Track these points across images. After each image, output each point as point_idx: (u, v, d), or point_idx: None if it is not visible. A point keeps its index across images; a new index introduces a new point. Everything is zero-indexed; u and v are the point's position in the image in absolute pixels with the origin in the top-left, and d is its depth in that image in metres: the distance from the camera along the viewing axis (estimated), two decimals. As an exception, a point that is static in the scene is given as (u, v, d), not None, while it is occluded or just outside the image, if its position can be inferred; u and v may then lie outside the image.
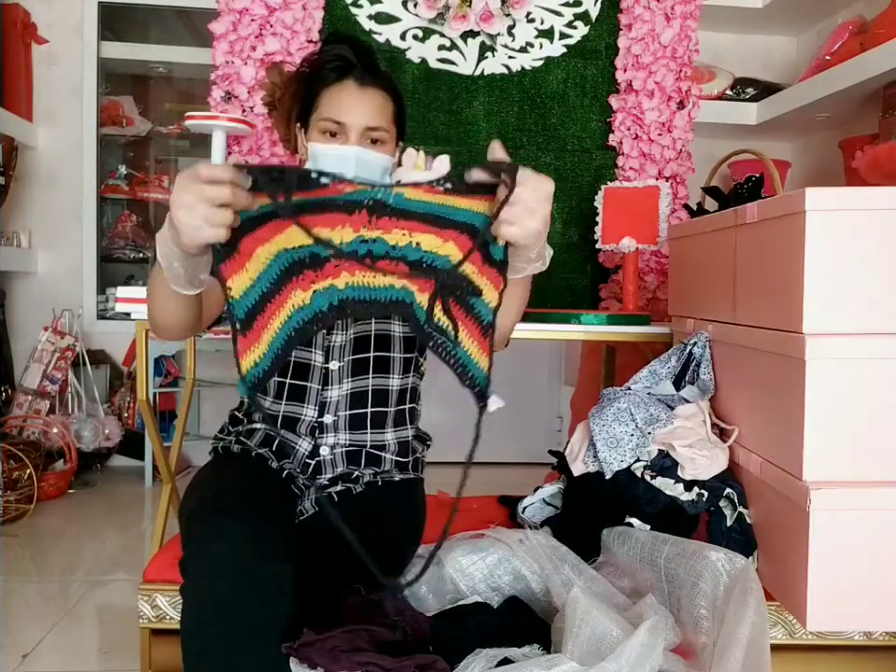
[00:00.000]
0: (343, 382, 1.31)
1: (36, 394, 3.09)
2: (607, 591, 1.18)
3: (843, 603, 1.13)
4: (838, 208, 1.12)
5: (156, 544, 1.64)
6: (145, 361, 1.66)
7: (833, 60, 2.51)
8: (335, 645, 0.96)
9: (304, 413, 1.30)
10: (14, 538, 2.42)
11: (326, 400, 1.30)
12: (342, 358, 1.31)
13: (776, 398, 1.23)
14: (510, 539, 1.26)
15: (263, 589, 1.01)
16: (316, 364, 1.30)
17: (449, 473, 1.31)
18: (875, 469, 1.14)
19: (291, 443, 1.30)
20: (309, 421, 1.30)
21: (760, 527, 1.32)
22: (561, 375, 3.50)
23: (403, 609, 1.05)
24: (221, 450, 1.35)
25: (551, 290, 2.14)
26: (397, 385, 1.34)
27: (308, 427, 1.30)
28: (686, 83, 2.14)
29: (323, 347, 1.30)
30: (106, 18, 3.31)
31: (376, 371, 1.32)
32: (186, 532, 1.16)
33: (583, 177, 2.16)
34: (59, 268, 3.31)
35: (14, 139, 3.06)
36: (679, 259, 1.73)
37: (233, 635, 0.99)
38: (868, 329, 1.13)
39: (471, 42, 2.12)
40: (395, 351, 1.33)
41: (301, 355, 1.30)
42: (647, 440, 1.37)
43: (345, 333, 1.31)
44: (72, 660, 1.68)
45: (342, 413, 1.31)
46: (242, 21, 2.02)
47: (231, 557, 1.01)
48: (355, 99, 1.25)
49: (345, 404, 1.31)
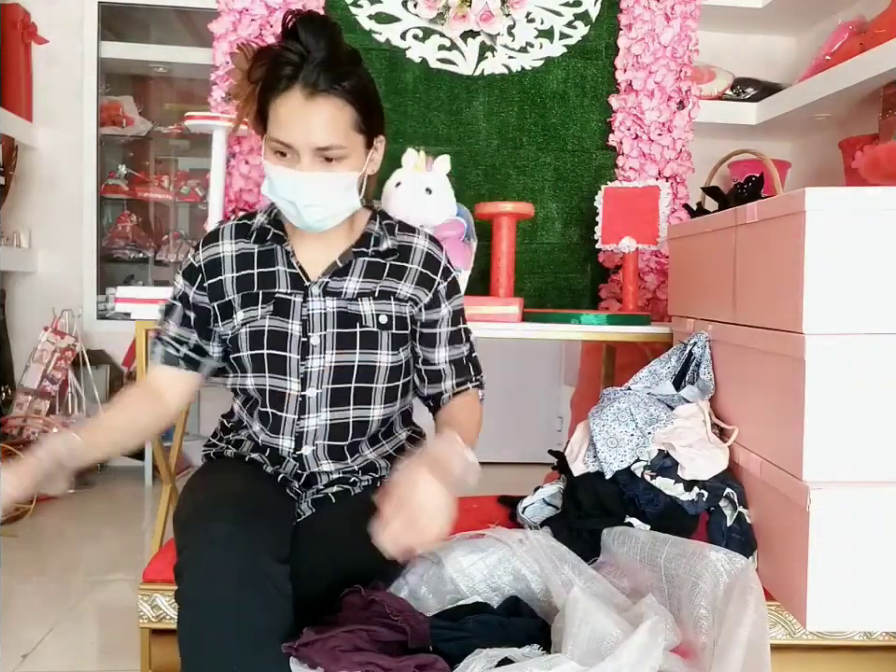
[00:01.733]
0: (320, 411, 1.24)
1: (36, 394, 3.09)
2: (607, 591, 1.18)
3: (843, 603, 1.13)
4: (838, 208, 1.12)
5: (156, 544, 1.64)
6: (145, 361, 1.66)
7: (833, 60, 2.51)
8: (335, 645, 0.96)
9: (281, 445, 1.25)
10: (14, 538, 2.42)
11: (302, 430, 1.24)
12: (319, 386, 1.23)
13: (776, 398, 1.23)
14: (510, 538, 1.26)
15: (260, 590, 1.00)
16: (292, 392, 1.23)
17: (449, 473, 1.31)
18: (875, 469, 1.14)
19: (275, 446, 1.26)
20: (287, 449, 1.25)
21: (760, 527, 1.32)
22: (561, 375, 3.50)
23: (403, 609, 1.05)
24: (214, 455, 1.32)
25: (551, 290, 2.14)
26: (378, 416, 1.27)
27: (288, 453, 1.25)
28: (686, 83, 2.14)
29: (299, 374, 1.23)
30: (106, 18, 3.31)
31: (357, 402, 1.24)
32: (180, 536, 1.12)
33: (583, 177, 2.16)
34: (59, 268, 3.31)
35: (14, 139, 3.06)
36: (678, 259, 1.73)
37: (231, 637, 0.98)
38: (868, 329, 1.13)
39: (471, 42, 2.12)
40: (378, 382, 1.26)
41: (276, 383, 1.23)
42: (647, 440, 1.37)
43: (322, 358, 1.23)
44: (72, 660, 1.68)
45: (319, 442, 1.24)
46: (242, 21, 2.02)
47: (226, 560, 1.00)
48: (299, 115, 1.10)
49: (324, 434, 1.24)
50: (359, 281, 1.25)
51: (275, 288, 1.24)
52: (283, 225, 1.27)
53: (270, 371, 1.23)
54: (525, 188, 2.15)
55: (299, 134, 1.11)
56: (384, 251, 1.27)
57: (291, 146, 1.12)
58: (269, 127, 1.14)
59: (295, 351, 1.22)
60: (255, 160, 2.04)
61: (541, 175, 2.15)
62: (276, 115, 1.12)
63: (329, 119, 1.11)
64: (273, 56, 1.13)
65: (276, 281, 1.24)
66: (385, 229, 1.29)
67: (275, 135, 1.12)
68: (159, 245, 3.66)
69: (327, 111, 1.11)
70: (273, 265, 1.25)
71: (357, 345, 1.23)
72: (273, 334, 1.22)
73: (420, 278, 1.28)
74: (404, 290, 1.27)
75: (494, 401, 3.14)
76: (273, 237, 1.26)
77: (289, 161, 1.14)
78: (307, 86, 1.09)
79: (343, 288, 1.24)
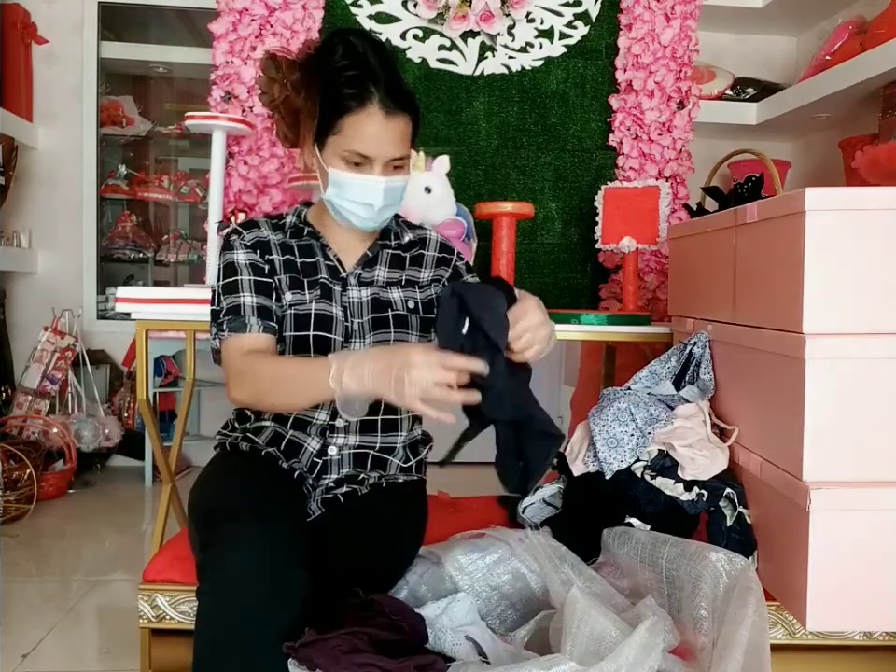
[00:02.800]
0: None
1: (36, 394, 3.09)
2: (606, 591, 1.18)
3: (843, 603, 1.13)
4: (838, 208, 1.12)
5: (156, 544, 1.64)
6: (145, 361, 1.66)
7: (833, 60, 2.51)
8: (335, 645, 0.96)
9: (316, 417, 1.29)
10: (14, 538, 2.42)
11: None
12: None
13: (776, 398, 1.23)
14: (509, 538, 1.26)
15: (285, 596, 1.02)
16: None
17: (449, 473, 1.31)
18: (875, 469, 1.14)
19: (300, 441, 1.30)
20: (321, 424, 1.29)
21: (760, 527, 1.32)
22: (561, 375, 3.50)
23: (402, 610, 1.05)
24: (228, 446, 1.34)
25: (551, 290, 2.14)
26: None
27: (319, 429, 1.29)
28: (686, 83, 2.14)
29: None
30: (106, 18, 3.32)
31: None
32: (203, 533, 1.13)
33: (583, 177, 2.16)
34: (59, 268, 3.31)
35: (14, 139, 3.06)
36: (678, 259, 1.73)
37: (251, 639, 0.99)
38: (868, 329, 1.13)
39: (471, 42, 2.12)
40: None
41: None
42: (647, 440, 1.37)
43: (363, 341, 1.29)
44: (72, 660, 1.68)
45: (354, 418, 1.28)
46: (242, 20, 2.02)
47: (251, 562, 1.01)
48: (380, 131, 1.21)
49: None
50: (386, 271, 1.36)
51: (318, 275, 1.31)
52: (313, 225, 1.36)
53: (315, 352, 1.27)
54: (525, 188, 2.15)
55: (380, 148, 1.22)
56: (406, 243, 1.39)
57: (371, 157, 1.22)
58: (344, 138, 1.22)
59: (340, 334, 1.29)
60: (254, 160, 2.04)
61: (541, 175, 2.15)
62: (354, 129, 1.21)
63: (401, 134, 1.24)
64: (344, 75, 1.21)
65: (318, 270, 1.32)
66: (401, 225, 1.41)
67: (356, 148, 1.22)
68: (159, 245, 3.66)
69: (400, 128, 1.23)
70: (313, 256, 1.33)
71: (391, 326, 1.31)
72: (320, 317, 1.28)
73: (437, 261, 1.39)
74: (425, 276, 1.38)
75: (494, 401, 3.05)
76: (309, 233, 1.35)
77: (363, 170, 1.23)
78: (384, 106, 1.20)
79: (374, 278, 1.34)
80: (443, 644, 1.05)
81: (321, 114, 1.24)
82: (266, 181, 2.05)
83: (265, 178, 2.05)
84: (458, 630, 1.07)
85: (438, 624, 1.07)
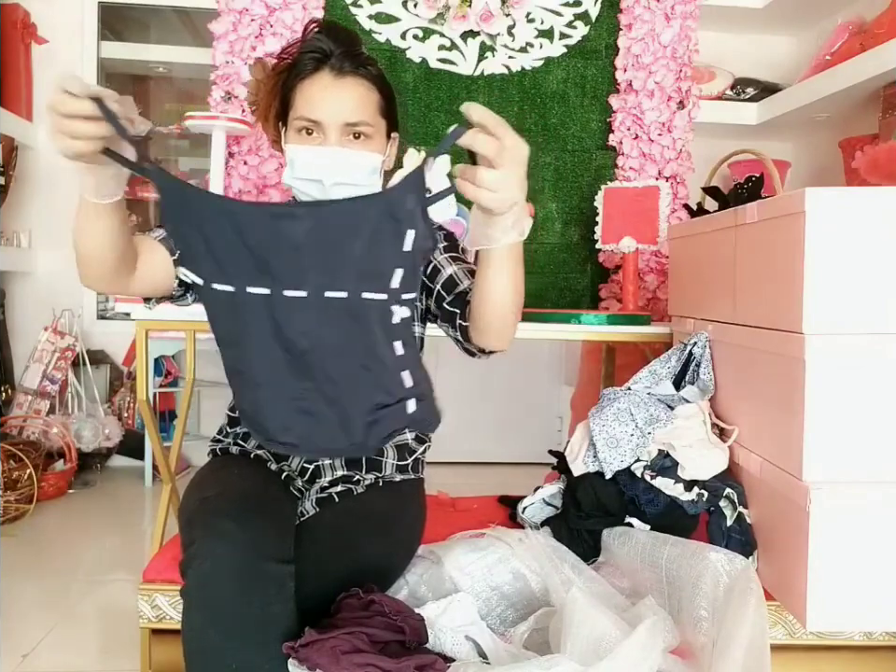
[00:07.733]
0: None
1: (36, 394, 3.09)
2: (606, 591, 1.18)
3: (843, 603, 1.13)
4: (838, 208, 1.12)
5: (156, 544, 1.64)
6: (145, 361, 1.66)
7: (833, 60, 2.51)
8: (335, 645, 0.95)
9: None
10: (14, 538, 2.42)
11: None
12: None
13: (776, 398, 1.23)
14: (509, 538, 1.26)
15: (265, 590, 1.01)
16: None
17: (449, 473, 1.31)
18: (875, 469, 1.14)
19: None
20: None
21: (760, 527, 1.32)
22: (561, 375, 3.50)
23: (402, 610, 1.05)
24: (220, 451, 1.34)
25: (551, 290, 2.14)
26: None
27: None
28: (686, 83, 2.14)
29: None
30: (106, 18, 3.31)
31: None
32: (186, 533, 1.13)
33: (583, 177, 2.16)
34: (59, 268, 3.30)
35: (14, 139, 3.06)
36: (678, 259, 1.73)
37: (233, 636, 0.98)
38: (868, 329, 1.13)
39: (471, 42, 2.12)
40: None
41: None
42: (647, 440, 1.37)
43: None
44: (72, 660, 1.68)
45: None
46: (242, 21, 2.02)
47: (232, 559, 1.00)
48: (329, 91, 1.13)
49: None
50: None
51: None
52: None
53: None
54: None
55: (329, 109, 1.13)
56: None
57: (320, 122, 1.13)
58: (295, 108, 1.16)
59: None
60: (253, 160, 2.04)
61: (541, 175, 2.15)
62: (305, 94, 1.15)
63: (357, 96, 1.15)
64: (304, 47, 1.17)
65: None
66: None
67: (304, 113, 1.14)
68: (159, 245, 3.66)
69: (355, 89, 1.15)
70: None
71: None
72: None
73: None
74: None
75: (494, 401, 3.16)
76: None
77: (315, 140, 1.15)
78: (335, 69, 1.14)
79: None
80: (443, 644, 1.05)
81: (282, 90, 1.20)
82: (266, 181, 2.05)
83: (265, 178, 2.05)
84: (458, 630, 1.07)
85: (438, 624, 1.07)
